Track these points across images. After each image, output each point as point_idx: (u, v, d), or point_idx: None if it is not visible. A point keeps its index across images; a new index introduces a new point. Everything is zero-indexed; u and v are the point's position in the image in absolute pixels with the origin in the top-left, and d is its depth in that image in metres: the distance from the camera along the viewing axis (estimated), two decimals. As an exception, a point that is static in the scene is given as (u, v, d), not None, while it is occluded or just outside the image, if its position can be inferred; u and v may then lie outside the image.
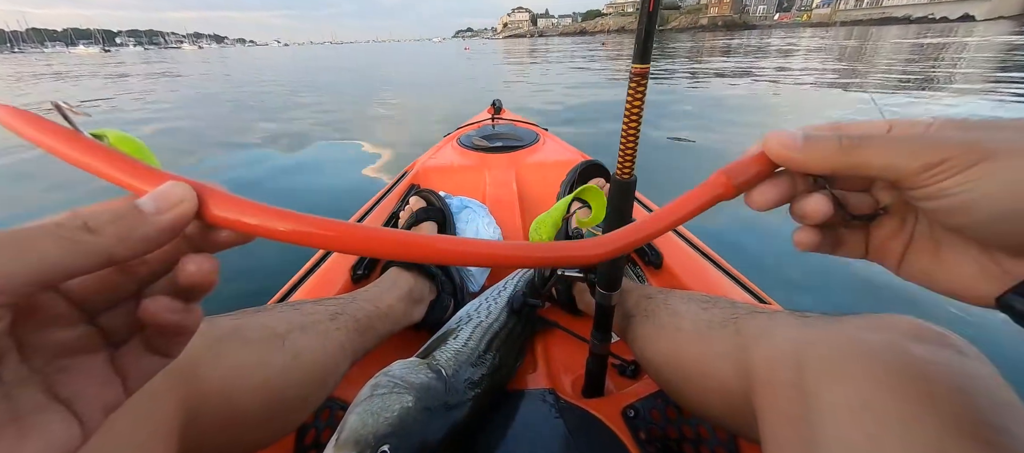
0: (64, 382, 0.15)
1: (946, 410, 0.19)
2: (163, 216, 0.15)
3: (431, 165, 1.12)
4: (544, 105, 4.19)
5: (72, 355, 0.15)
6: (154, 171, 0.16)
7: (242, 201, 0.16)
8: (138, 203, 0.15)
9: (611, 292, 0.42)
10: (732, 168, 0.19)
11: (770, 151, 0.18)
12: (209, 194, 0.16)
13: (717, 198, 0.19)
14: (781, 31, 45.12)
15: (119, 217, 0.14)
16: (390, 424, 0.34)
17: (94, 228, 0.14)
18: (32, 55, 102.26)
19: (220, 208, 0.15)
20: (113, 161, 0.15)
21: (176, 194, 0.15)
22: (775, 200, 0.19)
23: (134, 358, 0.16)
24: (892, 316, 0.24)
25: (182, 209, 0.15)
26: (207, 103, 5.31)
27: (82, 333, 0.16)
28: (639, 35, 0.28)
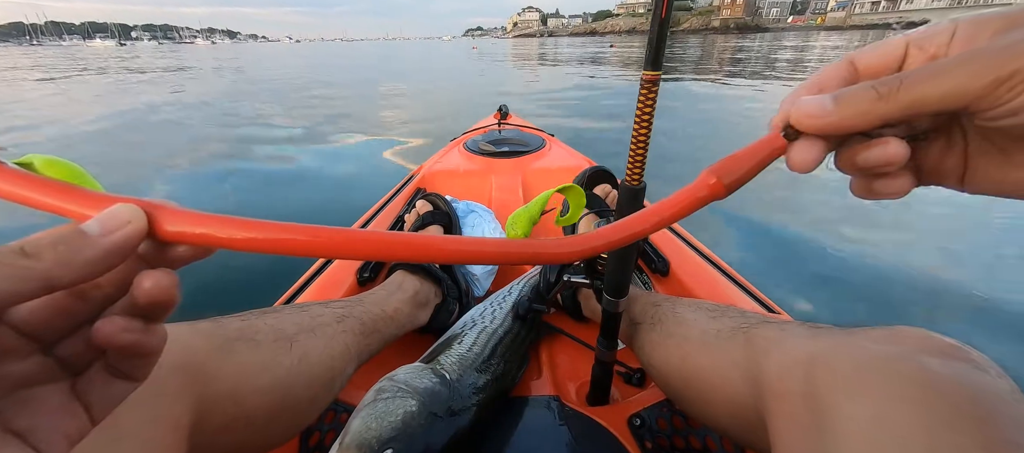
0: (20, 415, 0.14)
1: (962, 425, 0.18)
2: (109, 237, 0.14)
3: (438, 169, 1.12)
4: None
5: (27, 387, 0.15)
6: (97, 195, 0.15)
7: (196, 214, 0.15)
8: (82, 226, 0.14)
9: (618, 299, 0.42)
10: (722, 166, 0.18)
11: (801, 125, 0.17)
12: (160, 211, 0.15)
13: (705, 199, 0.18)
14: (794, 34, 44.66)
15: (60, 241, 0.14)
16: (394, 428, 0.34)
17: (31, 253, 0.13)
18: (50, 47, 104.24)
19: (172, 224, 0.15)
20: (48, 190, 0.15)
21: (123, 215, 0.14)
22: (817, 157, 0.18)
23: (98, 385, 0.16)
24: (907, 329, 0.24)
25: (130, 229, 0.14)
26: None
27: (36, 364, 0.15)
28: (651, 41, 0.28)
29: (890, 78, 0.16)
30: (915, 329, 0.24)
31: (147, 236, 0.15)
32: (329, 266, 0.67)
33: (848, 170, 0.19)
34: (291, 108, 4.62)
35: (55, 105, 5.12)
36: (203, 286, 1.21)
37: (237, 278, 1.24)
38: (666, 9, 0.26)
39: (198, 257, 0.16)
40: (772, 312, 0.57)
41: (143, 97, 5.73)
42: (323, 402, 0.39)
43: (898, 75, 0.16)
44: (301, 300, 0.60)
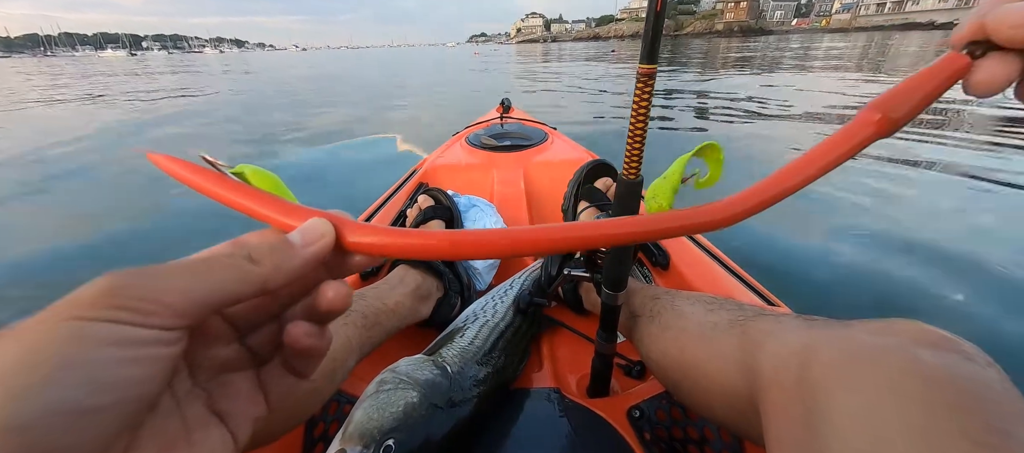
0: (221, 397, 0.16)
1: (953, 415, 0.18)
2: (309, 248, 0.16)
3: (439, 164, 1.13)
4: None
5: (227, 371, 0.17)
6: (295, 206, 0.17)
7: (371, 227, 0.17)
8: (288, 237, 0.16)
9: (617, 292, 0.42)
10: (887, 99, 0.16)
11: (1002, 35, 0.15)
12: (343, 223, 0.17)
13: (869, 139, 0.17)
14: (799, 37, 43.81)
15: (275, 249, 0.16)
16: (395, 419, 0.35)
17: (256, 259, 0.15)
18: (63, 58, 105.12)
19: (353, 235, 0.17)
20: (258, 199, 0.17)
21: (319, 229, 0.17)
22: (1007, 78, 0.16)
23: (275, 376, 0.18)
24: (900, 321, 0.24)
25: (325, 242, 0.17)
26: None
27: (235, 351, 0.17)
28: (646, 35, 0.28)
29: None
30: (908, 321, 0.24)
31: (335, 245, 0.17)
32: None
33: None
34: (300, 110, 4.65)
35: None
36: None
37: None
38: (661, 3, 0.26)
39: (369, 266, 0.18)
40: (771, 305, 0.58)
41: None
42: (325, 393, 0.39)
43: None
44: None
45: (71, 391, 0.11)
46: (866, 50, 11.81)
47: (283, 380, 0.18)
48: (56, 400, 0.11)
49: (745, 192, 0.17)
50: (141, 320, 0.13)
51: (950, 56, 0.16)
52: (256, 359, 0.18)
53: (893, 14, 77.16)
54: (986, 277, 1.19)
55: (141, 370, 0.13)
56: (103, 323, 0.12)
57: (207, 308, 0.14)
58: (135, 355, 0.13)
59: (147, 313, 0.13)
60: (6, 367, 0.11)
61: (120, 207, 1.90)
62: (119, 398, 0.12)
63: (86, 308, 0.12)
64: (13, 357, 0.12)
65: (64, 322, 0.12)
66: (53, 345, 0.12)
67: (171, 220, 1.72)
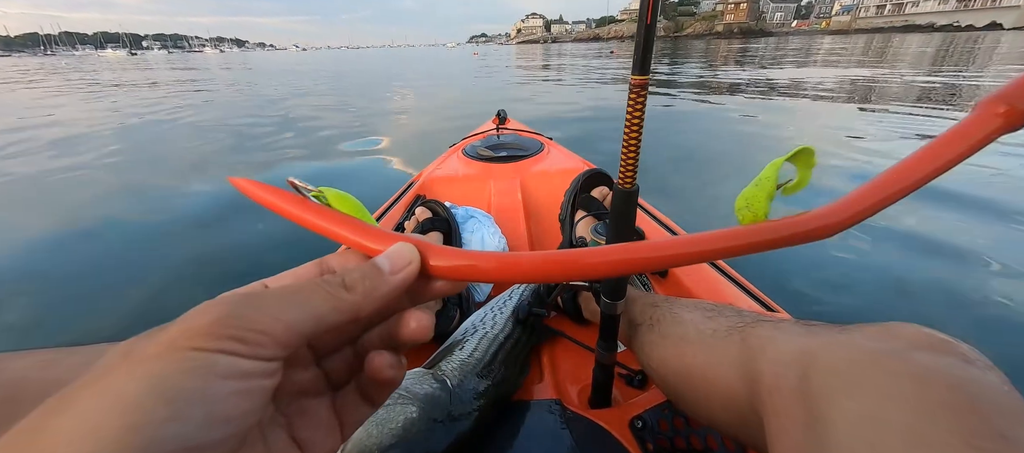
0: (301, 426, 0.16)
1: (952, 419, 0.18)
2: (398, 275, 0.16)
3: (437, 175, 1.13)
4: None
5: (306, 397, 0.16)
6: (377, 230, 0.17)
7: (454, 251, 0.17)
8: (377, 262, 0.16)
9: (616, 301, 0.42)
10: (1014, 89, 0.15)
11: None
12: (425, 248, 0.17)
13: (996, 132, 0.16)
14: (799, 39, 44.11)
15: (366, 277, 0.15)
16: (394, 435, 0.34)
17: (350, 286, 0.15)
18: (63, 57, 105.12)
19: (437, 259, 0.17)
20: (343, 224, 0.17)
21: (406, 255, 0.16)
22: None
23: (351, 405, 0.17)
24: (898, 324, 0.24)
25: (412, 268, 0.16)
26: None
27: (312, 375, 0.17)
28: (637, 47, 0.28)
29: None
30: (908, 325, 0.24)
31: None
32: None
33: None
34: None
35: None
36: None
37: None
38: (651, 15, 0.27)
39: (452, 291, 0.18)
40: (771, 310, 0.57)
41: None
42: None
43: None
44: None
45: (191, 426, 0.11)
46: (866, 48, 11.97)
47: (358, 409, 0.18)
48: (174, 435, 0.11)
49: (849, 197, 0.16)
50: (252, 352, 0.13)
51: None
52: (331, 385, 0.18)
53: (893, 16, 77.33)
54: (995, 278, 1.20)
55: (249, 403, 0.13)
56: (221, 355, 0.12)
57: (306, 337, 0.14)
58: (246, 387, 0.12)
59: (257, 344, 0.13)
60: (130, 398, 0.11)
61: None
62: (228, 433, 0.12)
63: (204, 338, 0.12)
64: (139, 387, 0.11)
65: (186, 352, 0.12)
66: (179, 377, 0.11)
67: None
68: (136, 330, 0.14)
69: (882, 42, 20.98)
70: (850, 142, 2.68)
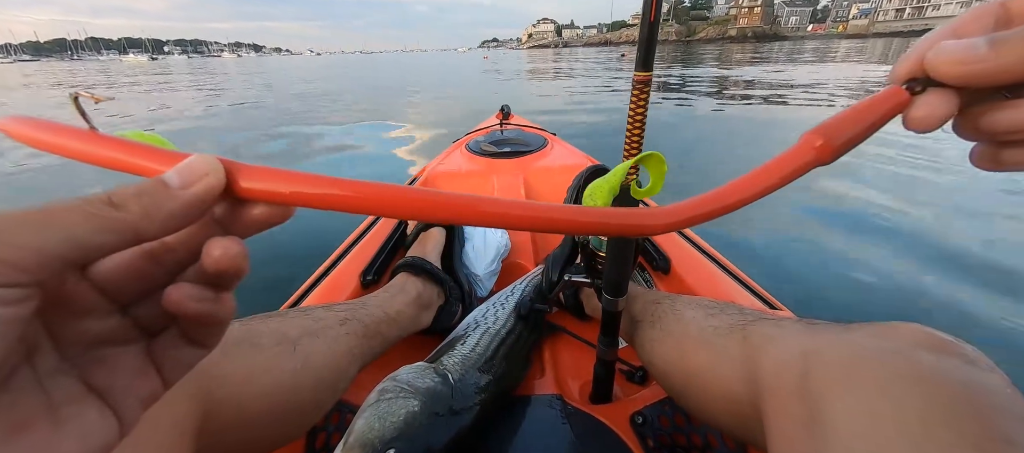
0: (99, 373, 0.14)
1: (954, 420, 0.18)
2: (189, 189, 0.14)
3: (440, 170, 1.13)
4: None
5: (107, 346, 0.15)
6: (177, 154, 0.15)
7: (274, 170, 0.15)
8: (163, 177, 0.14)
9: (617, 297, 0.42)
10: (829, 126, 0.16)
11: (940, 72, 0.15)
12: (237, 168, 0.15)
13: (809, 165, 0.17)
14: (814, 43, 43.14)
15: (144, 192, 0.13)
16: (396, 428, 0.35)
17: (118, 203, 0.13)
18: (89, 62, 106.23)
19: (250, 180, 0.15)
20: (133, 150, 0.15)
21: (201, 166, 0.14)
22: (946, 114, 0.16)
23: (170, 349, 0.16)
24: (901, 324, 0.24)
25: (209, 181, 0.14)
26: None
27: (116, 324, 0.15)
28: (640, 44, 0.28)
29: None
30: (910, 324, 0.24)
31: (225, 191, 0.15)
32: (333, 270, 0.68)
33: (972, 135, 0.17)
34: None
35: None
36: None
37: (243, 284, 1.26)
38: (655, 13, 0.27)
39: (275, 221, 0.16)
40: (773, 309, 0.57)
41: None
42: (327, 403, 0.39)
43: None
44: (305, 304, 0.61)
45: None
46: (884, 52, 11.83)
47: (179, 352, 0.16)
48: None
49: (682, 204, 0.17)
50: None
51: (891, 90, 0.16)
52: (145, 332, 0.16)
53: (913, 20, 75.02)
54: (999, 279, 1.19)
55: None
56: None
57: (57, 260, 0.12)
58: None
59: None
60: None
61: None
62: None
63: None
64: None
65: None
66: None
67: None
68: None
69: (901, 46, 20.70)
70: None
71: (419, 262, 0.60)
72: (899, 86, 0.16)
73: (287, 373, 0.34)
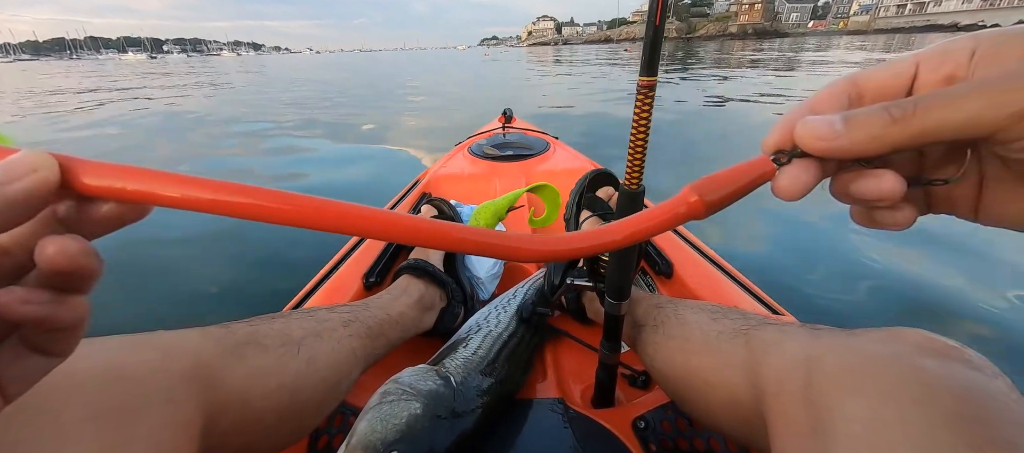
0: None
1: (956, 425, 0.18)
2: (14, 185, 0.12)
3: (442, 174, 1.13)
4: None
5: None
6: (6, 149, 0.13)
7: (122, 168, 0.14)
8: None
9: (620, 301, 0.42)
10: (705, 184, 0.17)
11: (806, 145, 0.16)
12: (79, 164, 0.14)
13: (683, 217, 0.17)
14: (815, 40, 42.70)
15: None
16: (398, 431, 0.35)
17: None
18: (88, 61, 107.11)
19: (95, 177, 0.13)
20: None
21: (29, 162, 0.13)
22: (809, 184, 0.17)
23: (10, 360, 0.14)
24: (905, 329, 0.24)
25: (37, 178, 0.13)
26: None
27: None
28: (645, 48, 0.28)
29: (904, 101, 0.15)
30: (914, 330, 0.24)
31: (61, 188, 0.13)
32: (336, 272, 0.68)
33: (845, 199, 0.18)
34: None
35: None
36: (212, 294, 1.23)
37: (247, 285, 1.27)
38: (660, 16, 0.27)
39: (128, 220, 0.15)
40: (776, 313, 0.57)
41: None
42: (330, 405, 0.39)
43: (912, 99, 0.15)
44: (308, 306, 0.61)
45: None
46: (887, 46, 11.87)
47: (22, 363, 0.14)
48: None
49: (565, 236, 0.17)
50: None
51: (760, 159, 0.17)
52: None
53: (914, 16, 74.28)
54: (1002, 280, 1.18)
55: None
56: None
57: None
58: None
59: None
60: None
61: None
62: None
63: None
64: None
65: None
66: None
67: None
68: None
69: (902, 43, 20.65)
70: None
71: (422, 264, 0.60)
72: (767, 156, 0.17)
73: (291, 374, 0.34)
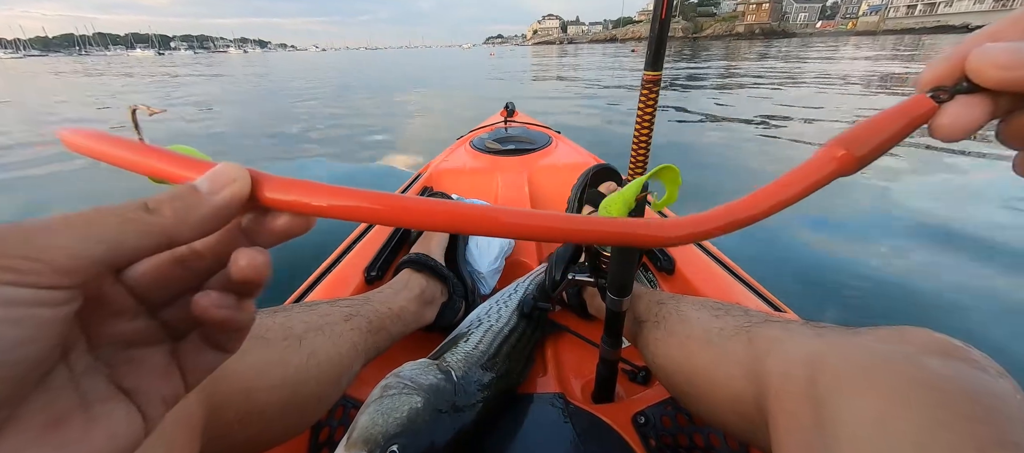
0: (127, 373, 0.15)
1: (962, 426, 0.18)
2: (218, 195, 0.14)
3: (444, 168, 1.13)
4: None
5: (135, 347, 0.16)
6: (206, 162, 0.16)
7: (297, 182, 0.15)
8: (193, 183, 0.15)
9: (622, 297, 0.42)
10: (852, 136, 0.16)
11: (982, 76, 0.14)
12: (263, 178, 0.15)
13: (831, 175, 0.16)
14: (822, 40, 41.88)
15: (176, 197, 0.14)
16: (399, 424, 0.35)
17: (153, 208, 0.14)
18: (96, 57, 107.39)
19: (273, 190, 0.15)
20: (171, 160, 0.16)
21: (229, 173, 0.15)
22: (975, 122, 0.15)
23: (193, 352, 0.17)
24: (910, 329, 0.24)
25: (236, 188, 0.15)
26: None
27: (144, 326, 0.16)
28: (651, 43, 0.28)
29: None
30: (919, 329, 0.24)
31: (250, 199, 0.15)
32: (337, 265, 0.68)
33: (1017, 143, 0.16)
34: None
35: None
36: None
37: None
38: (666, 11, 0.27)
39: (297, 231, 0.16)
40: (779, 311, 0.57)
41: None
42: (331, 398, 0.39)
43: None
44: (310, 299, 0.61)
45: None
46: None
47: (201, 356, 0.17)
48: None
49: (694, 217, 0.17)
50: (17, 278, 0.11)
51: (916, 98, 0.16)
52: (171, 335, 0.17)
53: (924, 17, 73.09)
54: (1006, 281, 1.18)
55: (19, 332, 0.11)
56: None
57: (98, 265, 0.12)
58: (12, 316, 0.11)
59: (25, 271, 0.11)
60: None
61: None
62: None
63: None
64: None
65: None
66: None
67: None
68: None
69: (912, 44, 20.38)
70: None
71: (423, 258, 0.60)
72: (924, 94, 0.16)
73: (293, 367, 0.35)
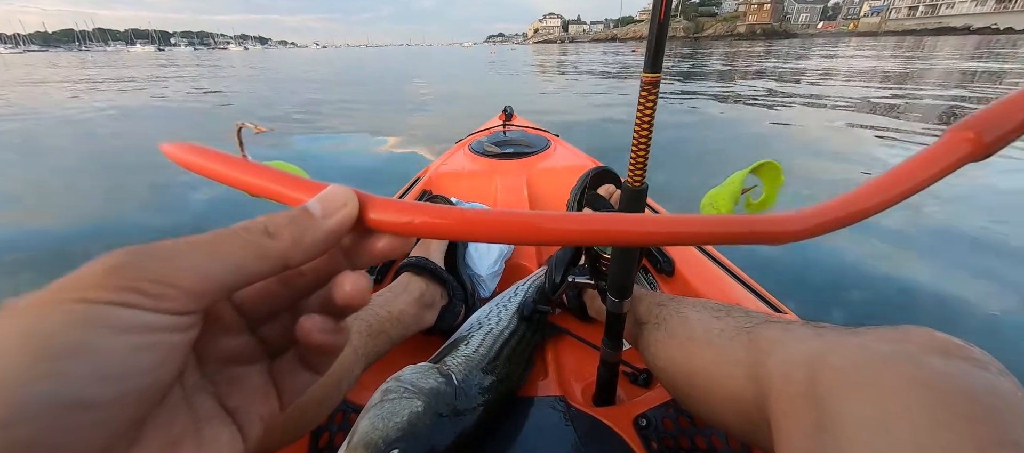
0: (231, 392, 0.15)
1: (964, 425, 0.18)
2: (330, 219, 0.14)
3: (443, 171, 1.13)
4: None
5: (237, 364, 0.16)
6: (315, 184, 0.16)
7: (398, 203, 0.15)
8: (306, 206, 0.15)
9: (622, 299, 0.42)
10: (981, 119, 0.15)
11: None
12: (367, 199, 0.15)
13: (959, 161, 0.15)
14: (824, 41, 41.82)
15: (293, 220, 0.14)
16: (400, 428, 0.35)
17: (273, 232, 0.14)
18: (96, 52, 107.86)
19: (377, 212, 0.15)
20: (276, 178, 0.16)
21: (340, 196, 0.15)
22: None
23: (289, 372, 0.17)
24: (910, 328, 0.24)
25: (347, 211, 0.15)
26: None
27: (245, 342, 0.16)
28: (649, 45, 0.28)
29: None
30: (920, 328, 0.24)
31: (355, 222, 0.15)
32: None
33: None
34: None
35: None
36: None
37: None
38: (664, 12, 0.27)
39: (396, 253, 0.16)
40: (779, 312, 0.57)
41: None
42: (331, 402, 0.39)
43: None
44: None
45: (73, 383, 0.10)
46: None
47: (297, 376, 0.17)
48: (52, 393, 0.10)
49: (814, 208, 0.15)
50: (153, 304, 0.11)
51: None
52: (268, 352, 0.17)
53: (926, 18, 73.16)
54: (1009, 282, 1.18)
55: (152, 357, 0.12)
56: (113, 307, 0.11)
57: (223, 289, 0.13)
58: (148, 341, 0.11)
59: (159, 296, 0.12)
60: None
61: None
62: (125, 390, 0.11)
63: (94, 289, 0.11)
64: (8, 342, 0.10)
65: (69, 304, 0.11)
66: (56, 330, 0.10)
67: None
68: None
69: (913, 44, 20.46)
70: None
71: (422, 262, 0.60)
72: None
73: None
